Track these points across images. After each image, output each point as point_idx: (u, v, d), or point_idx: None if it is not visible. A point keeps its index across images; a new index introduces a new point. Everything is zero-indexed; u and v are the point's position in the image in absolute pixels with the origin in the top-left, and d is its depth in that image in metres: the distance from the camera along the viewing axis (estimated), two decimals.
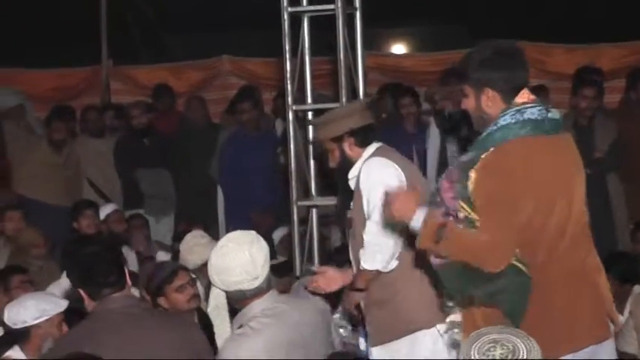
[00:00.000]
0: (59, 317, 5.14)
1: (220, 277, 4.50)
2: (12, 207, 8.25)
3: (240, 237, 4.58)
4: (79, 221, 7.92)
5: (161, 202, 9.62)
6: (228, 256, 4.49)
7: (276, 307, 4.52)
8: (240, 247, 4.49)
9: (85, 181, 9.68)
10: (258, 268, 4.48)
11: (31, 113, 10.44)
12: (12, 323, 5.14)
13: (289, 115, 6.57)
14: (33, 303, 5.14)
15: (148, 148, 9.68)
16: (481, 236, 3.80)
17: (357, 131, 4.99)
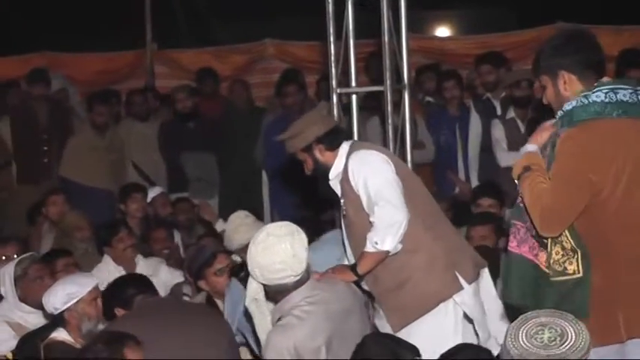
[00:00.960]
0: (91, 295, 5.18)
1: (262, 272, 4.52)
2: (55, 191, 8.30)
3: (280, 229, 4.60)
4: (127, 204, 7.96)
5: (205, 185, 9.64)
6: (269, 250, 4.51)
7: (317, 294, 4.54)
8: (281, 241, 4.52)
9: (129, 164, 9.73)
10: (300, 261, 4.48)
11: (74, 97, 10.51)
12: (48, 310, 5.22)
13: (333, 98, 6.55)
14: (60, 288, 5.19)
15: (193, 132, 9.69)
16: (544, 198, 3.92)
17: (323, 137, 5.09)
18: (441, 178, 9.07)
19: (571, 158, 3.96)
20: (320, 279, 4.74)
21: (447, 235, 5.09)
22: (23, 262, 5.89)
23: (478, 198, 7.21)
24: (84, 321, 5.11)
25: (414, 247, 4.92)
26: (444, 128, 8.98)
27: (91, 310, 5.16)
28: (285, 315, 4.48)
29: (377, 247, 4.85)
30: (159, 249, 7.52)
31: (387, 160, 5.02)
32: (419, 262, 4.94)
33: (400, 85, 6.59)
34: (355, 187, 4.97)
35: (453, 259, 4.97)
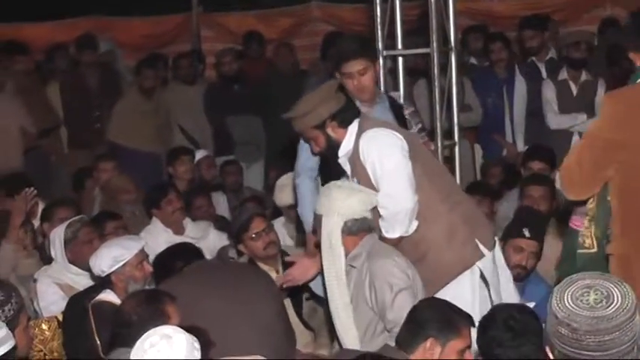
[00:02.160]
0: (137, 259, 5.21)
1: (347, 201, 4.60)
2: (106, 157, 8.37)
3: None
4: (175, 167, 8.01)
5: (251, 148, 9.68)
6: (345, 186, 4.69)
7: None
8: (351, 185, 4.75)
9: (176, 127, 9.78)
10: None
11: (121, 60, 10.56)
12: (95, 272, 5.26)
13: (379, 60, 6.53)
14: (106, 252, 5.21)
15: (238, 95, 9.72)
16: (569, 156, 3.93)
17: (337, 113, 4.96)
18: (488, 141, 9.03)
19: (600, 118, 3.92)
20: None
21: (463, 204, 5.05)
22: (73, 225, 5.95)
23: (529, 161, 7.15)
24: (130, 283, 5.15)
25: (431, 219, 4.89)
26: (491, 91, 8.94)
27: (137, 273, 5.19)
28: (374, 256, 4.56)
29: (389, 235, 4.86)
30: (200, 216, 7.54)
31: (398, 137, 4.91)
32: (437, 234, 4.90)
33: (447, 48, 6.55)
34: (365, 166, 4.93)
35: (472, 227, 4.94)
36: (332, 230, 4.63)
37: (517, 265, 5.33)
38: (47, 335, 5.31)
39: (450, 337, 3.91)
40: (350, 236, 4.65)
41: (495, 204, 6.96)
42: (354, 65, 5.36)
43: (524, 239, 5.30)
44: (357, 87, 5.36)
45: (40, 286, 5.86)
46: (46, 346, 5.27)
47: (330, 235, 4.64)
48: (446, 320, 3.94)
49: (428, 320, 3.93)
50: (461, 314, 4.10)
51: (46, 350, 5.27)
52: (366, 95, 5.41)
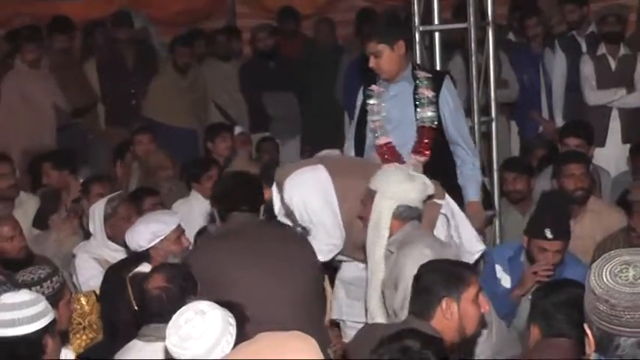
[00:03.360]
0: (175, 234, 5.22)
1: (405, 187, 4.61)
2: (142, 130, 8.40)
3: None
4: (215, 143, 8.02)
5: (287, 124, 9.69)
6: (406, 170, 4.74)
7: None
8: (413, 171, 4.82)
9: (211, 103, 9.80)
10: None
11: (155, 37, 10.58)
12: (132, 247, 5.28)
13: (416, 36, 6.51)
14: (143, 227, 5.22)
15: (274, 71, 9.73)
16: None
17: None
18: (524, 118, 8.99)
19: None
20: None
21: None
22: (113, 201, 5.98)
23: (565, 137, 7.06)
24: (169, 259, 5.14)
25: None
26: (527, 67, 8.88)
27: (175, 248, 5.20)
28: (413, 242, 4.56)
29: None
30: None
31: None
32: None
33: (484, 23, 6.52)
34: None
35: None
36: (382, 211, 4.63)
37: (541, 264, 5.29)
38: (86, 309, 5.35)
39: (461, 289, 3.90)
40: (397, 220, 4.65)
41: (532, 180, 6.93)
42: (371, 47, 5.58)
43: (546, 241, 5.22)
44: (372, 67, 5.60)
45: (78, 261, 5.91)
46: (85, 319, 5.32)
47: (379, 215, 4.64)
48: (451, 276, 3.93)
49: (434, 282, 3.91)
50: (461, 264, 4.14)
51: (85, 323, 5.32)
52: (382, 75, 5.64)
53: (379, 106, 5.68)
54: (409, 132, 5.63)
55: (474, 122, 6.37)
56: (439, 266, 4.00)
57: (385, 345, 3.28)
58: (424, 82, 5.63)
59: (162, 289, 4.15)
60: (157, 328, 4.11)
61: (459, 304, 3.89)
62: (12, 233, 5.59)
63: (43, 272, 4.23)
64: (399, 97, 5.65)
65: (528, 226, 5.40)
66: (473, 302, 3.92)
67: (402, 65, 5.64)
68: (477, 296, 3.94)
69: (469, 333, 3.97)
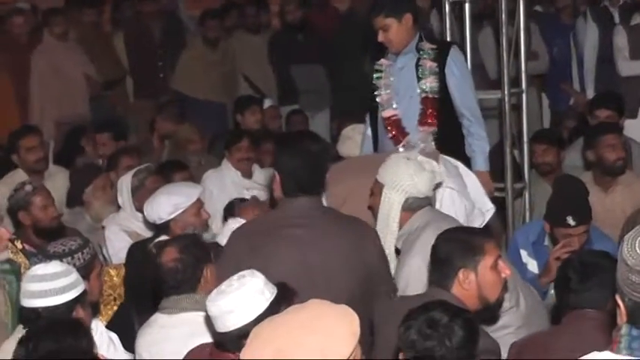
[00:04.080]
0: (195, 206, 5.22)
1: (414, 179, 4.57)
2: (168, 105, 8.42)
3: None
4: (244, 115, 8.03)
5: (316, 97, 9.67)
6: (414, 160, 4.65)
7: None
8: (420, 159, 4.70)
9: (240, 76, 9.80)
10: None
11: (183, 10, 10.57)
12: (151, 219, 5.28)
13: (445, 7, 6.48)
14: (165, 199, 5.21)
15: (302, 44, 9.71)
16: None
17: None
18: (555, 90, 8.94)
19: None
20: None
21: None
22: (140, 173, 6.00)
23: (595, 109, 6.98)
24: (189, 231, 5.15)
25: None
26: (558, 38, 8.82)
27: (195, 220, 5.21)
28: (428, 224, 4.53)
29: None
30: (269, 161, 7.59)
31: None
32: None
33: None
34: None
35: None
36: (392, 205, 4.59)
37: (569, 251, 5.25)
38: (115, 281, 5.38)
39: (477, 259, 3.86)
40: (407, 212, 4.61)
41: (562, 152, 6.89)
42: (378, 22, 5.60)
43: (569, 228, 5.16)
44: (383, 40, 5.63)
45: (108, 233, 5.94)
46: (115, 291, 5.35)
47: (389, 209, 4.60)
48: (466, 246, 3.87)
49: (450, 254, 3.87)
50: (477, 232, 4.08)
51: (115, 295, 5.35)
52: (390, 48, 5.68)
53: (387, 80, 5.70)
54: (416, 103, 5.66)
55: (503, 94, 6.34)
56: (455, 236, 3.96)
57: (412, 318, 3.27)
58: (428, 53, 5.66)
59: (177, 261, 4.14)
60: (176, 300, 4.13)
61: (477, 273, 3.86)
62: (45, 202, 5.63)
63: (75, 244, 4.25)
64: (405, 69, 5.68)
65: (549, 213, 5.33)
66: (492, 269, 3.87)
67: (410, 38, 5.66)
68: (496, 262, 3.90)
69: (492, 300, 3.94)
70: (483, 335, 3.64)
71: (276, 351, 2.73)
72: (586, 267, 3.93)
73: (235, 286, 3.51)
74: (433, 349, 3.19)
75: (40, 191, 5.67)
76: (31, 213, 5.59)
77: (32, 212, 5.59)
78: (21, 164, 6.92)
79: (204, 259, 4.18)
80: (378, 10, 5.59)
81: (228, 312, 3.49)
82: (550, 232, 5.28)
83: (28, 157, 6.90)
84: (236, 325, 3.49)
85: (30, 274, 3.88)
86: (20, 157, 6.93)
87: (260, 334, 2.84)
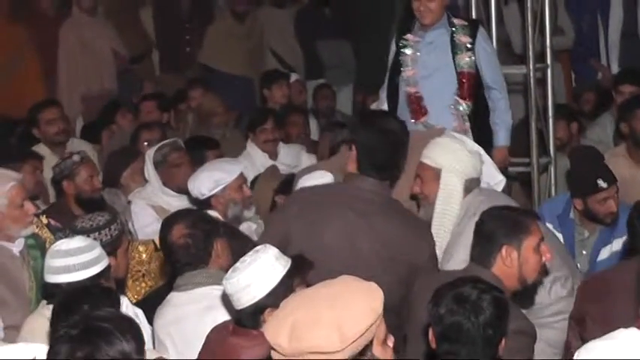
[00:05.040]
0: (237, 182, 5.23)
1: (471, 162, 4.60)
2: (194, 84, 8.42)
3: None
4: (271, 90, 8.03)
5: (341, 72, 9.66)
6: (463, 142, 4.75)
7: None
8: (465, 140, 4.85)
9: (267, 51, 9.79)
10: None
11: None
12: (194, 194, 5.30)
13: None
14: (206, 175, 5.24)
15: (329, 19, 9.69)
16: None
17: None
18: (581, 65, 8.88)
19: None
20: None
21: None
22: (164, 148, 6.00)
23: (619, 84, 7.00)
24: (230, 206, 5.20)
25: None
26: (585, 13, 8.76)
27: (237, 196, 5.22)
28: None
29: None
30: (296, 133, 7.59)
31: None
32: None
33: None
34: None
35: None
36: (455, 188, 4.60)
37: (608, 214, 5.24)
38: (144, 258, 5.39)
39: (521, 237, 3.88)
40: (464, 194, 4.63)
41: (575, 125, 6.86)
42: None
43: (603, 191, 5.17)
44: (421, 10, 5.58)
45: (134, 208, 5.96)
46: (143, 267, 5.37)
47: (451, 193, 4.60)
48: (512, 223, 3.90)
49: (494, 230, 3.89)
50: (523, 212, 4.08)
51: (143, 271, 5.37)
52: (426, 20, 5.62)
53: (414, 55, 5.67)
54: (447, 77, 5.64)
55: (529, 69, 6.32)
56: (501, 213, 3.98)
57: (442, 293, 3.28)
58: (461, 30, 5.65)
59: (187, 236, 4.15)
60: (191, 275, 4.14)
61: (520, 252, 3.87)
62: (91, 173, 5.68)
63: (102, 219, 4.25)
64: (435, 43, 5.67)
65: (577, 186, 5.33)
66: (534, 250, 3.90)
67: (443, 13, 5.67)
68: (539, 245, 3.92)
69: (530, 281, 3.96)
70: (518, 317, 3.68)
71: (292, 325, 2.75)
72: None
73: (248, 262, 3.53)
74: (460, 325, 3.20)
75: (86, 162, 5.71)
76: (75, 183, 5.63)
77: (76, 182, 5.63)
78: (42, 137, 6.97)
79: (214, 232, 4.19)
80: None
81: (243, 288, 3.50)
82: (583, 209, 5.25)
83: (48, 130, 6.95)
84: (250, 300, 3.51)
85: (53, 249, 3.89)
86: (41, 130, 6.98)
87: (283, 308, 2.86)
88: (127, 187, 6.27)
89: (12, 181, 4.49)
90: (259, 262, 3.53)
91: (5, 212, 4.44)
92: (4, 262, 4.46)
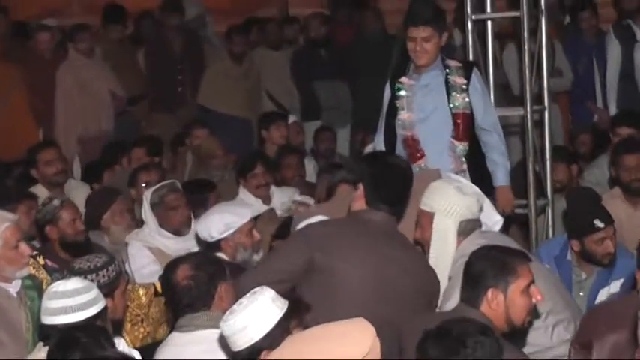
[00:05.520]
0: (248, 226, 5.23)
1: (465, 202, 4.58)
2: (199, 124, 8.41)
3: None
4: (269, 131, 8.02)
5: (338, 113, 9.67)
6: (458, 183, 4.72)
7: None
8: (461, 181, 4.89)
9: (264, 92, 9.81)
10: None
11: (210, 25, 10.58)
12: (202, 237, 5.29)
13: (468, 24, 6.48)
14: (217, 217, 5.23)
15: (325, 60, 9.72)
16: None
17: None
18: (578, 107, 8.92)
19: None
20: None
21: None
22: (161, 189, 6.00)
23: (617, 127, 7.00)
24: (239, 251, 5.19)
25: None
26: (581, 55, 8.83)
27: (247, 240, 5.21)
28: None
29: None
30: (291, 176, 7.58)
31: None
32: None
33: (537, 11, 6.46)
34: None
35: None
36: (448, 230, 4.56)
37: (605, 255, 5.22)
38: (143, 301, 5.34)
39: (508, 279, 3.86)
40: (459, 236, 4.58)
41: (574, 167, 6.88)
42: (420, 32, 5.54)
43: (600, 231, 5.16)
44: (416, 52, 5.57)
45: (131, 249, 5.94)
46: (142, 311, 5.33)
47: (445, 236, 4.57)
48: (499, 265, 3.88)
49: (482, 271, 3.88)
50: (513, 253, 4.03)
51: (142, 315, 5.32)
52: (421, 60, 5.61)
53: (410, 98, 5.67)
54: (443, 119, 5.64)
55: (526, 111, 6.34)
56: (489, 254, 3.96)
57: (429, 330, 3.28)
58: (456, 71, 5.66)
59: (190, 278, 4.13)
60: (192, 317, 4.12)
61: (506, 295, 3.86)
62: (73, 216, 5.65)
63: (100, 260, 4.25)
64: (430, 86, 5.67)
65: (573, 227, 5.33)
66: (522, 293, 3.88)
67: (438, 55, 5.67)
68: (528, 287, 3.90)
69: (518, 323, 3.94)
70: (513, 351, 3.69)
71: None
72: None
73: (244, 304, 3.53)
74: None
75: (67, 205, 5.69)
76: (58, 227, 5.61)
77: (59, 226, 5.60)
78: (40, 178, 6.98)
79: (219, 275, 4.17)
80: (423, 20, 5.54)
81: (239, 330, 3.50)
82: (580, 250, 5.24)
83: (46, 171, 6.96)
84: (247, 343, 3.50)
85: (51, 290, 3.89)
86: (39, 171, 6.99)
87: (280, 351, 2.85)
88: (108, 230, 6.25)
89: (7, 222, 4.46)
90: (256, 304, 3.52)
91: (0, 253, 4.41)
92: (0, 303, 4.43)
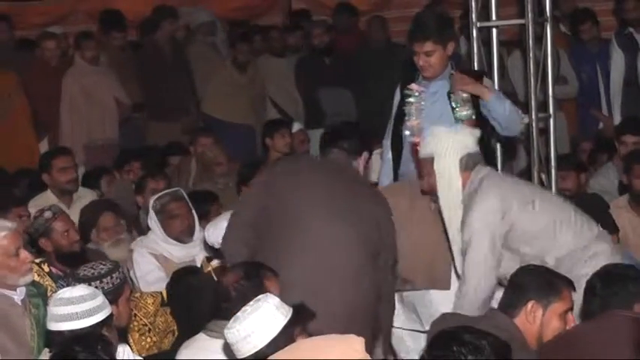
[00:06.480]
0: None
1: (458, 137, 4.73)
2: (205, 132, 8.40)
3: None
4: (274, 139, 8.01)
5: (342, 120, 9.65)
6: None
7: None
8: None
9: (268, 100, 9.81)
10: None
11: (221, 32, 10.57)
12: (211, 243, 5.29)
13: (473, 32, 6.47)
14: (225, 224, 5.14)
15: (329, 68, 9.72)
16: None
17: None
18: (583, 115, 8.93)
19: None
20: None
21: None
22: (163, 197, 6.01)
23: (622, 134, 7.02)
24: None
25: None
26: (585, 63, 8.85)
27: None
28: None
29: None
30: None
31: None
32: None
33: (542, 19, 6.46)
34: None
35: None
36: (449, 169, 4.69)
37: None
38: (150, 310, 5.34)
39: (551, 299, 3.91)
40: (465, 172, 4.71)
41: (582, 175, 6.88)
42: (423, 46, 5.55)
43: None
44: (422, 65, 5.59)
45: (136, 256, 5.94)
46: (149, 320, 5.33)
47: (448, 175, 4.69)
48: (546, 283, 3.94)
49: (528, 283, 3.94)
50: (561, 278, 4.07)
51: (149, 325, 5.32)
52: (427, 73, 5.64)
53: (419, 105, 5.67)
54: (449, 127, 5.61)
55: (531, 119, 6.32)
56: (538, 270, 4.06)
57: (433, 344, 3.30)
58: None
59: (242, 285, 4.07)
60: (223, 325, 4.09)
61: (545, 312, 3.90)
62: (66, 227, 5.61)
63: (104, 267, 4.26)
64: (438, 94, 5.67)
65: None
66: (559, 316, 3.92)
67: (447, 64, 5.68)
68: (566, 312, 3.94)
69: None
70: None
71: None
72: (611, 275, 3.97)
73: (249, 311, 3.52)
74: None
75: (60, 216, 5.63)
76: (52, 239, 5.56)
77: (53, 238, 5.56)
78: (51, 184, 6.94)
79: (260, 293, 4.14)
80: (426, 36, 5.55)
81: (243, 338, 3.49)
82: None
83: (60, 178, 6.92)
84: (251, 350, 3.50)
85: (56, 297, 3.90)
86: (52, 177, 6.94)
87: None
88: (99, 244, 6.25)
89: (5, 230, 4.44)
90: (260, 312, 3.52)
91: (0, 262, 4.38)
92: (5, 311, 4.41)
